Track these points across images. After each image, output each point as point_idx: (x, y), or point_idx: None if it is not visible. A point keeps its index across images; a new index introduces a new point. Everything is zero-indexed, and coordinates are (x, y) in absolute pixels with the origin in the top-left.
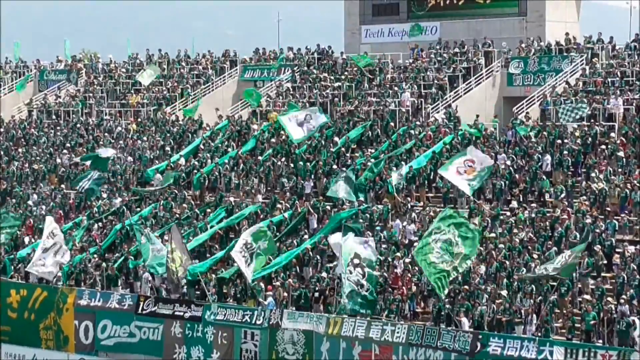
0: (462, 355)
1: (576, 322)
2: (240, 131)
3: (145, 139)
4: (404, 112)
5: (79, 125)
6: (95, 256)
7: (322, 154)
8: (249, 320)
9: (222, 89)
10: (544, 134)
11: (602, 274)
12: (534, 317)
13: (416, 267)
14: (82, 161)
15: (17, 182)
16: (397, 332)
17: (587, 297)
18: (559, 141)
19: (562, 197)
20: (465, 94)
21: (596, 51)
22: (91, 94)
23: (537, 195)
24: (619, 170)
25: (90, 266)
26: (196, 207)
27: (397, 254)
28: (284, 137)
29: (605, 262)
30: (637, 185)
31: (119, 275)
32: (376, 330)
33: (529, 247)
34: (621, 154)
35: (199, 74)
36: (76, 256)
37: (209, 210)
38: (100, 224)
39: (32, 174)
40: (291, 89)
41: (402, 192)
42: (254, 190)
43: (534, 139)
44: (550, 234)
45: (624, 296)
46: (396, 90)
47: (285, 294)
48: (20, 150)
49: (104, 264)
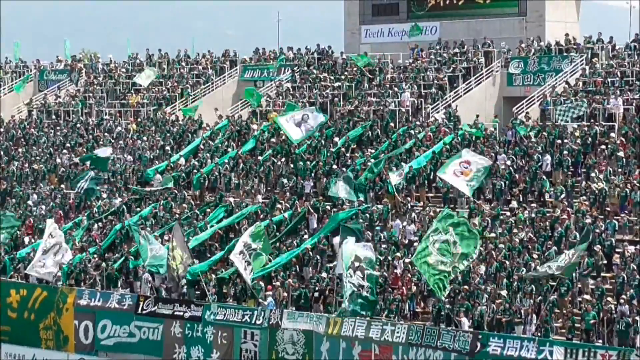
0: (462, 355)
1: (576, 322)
2: (240, 131)
3: (145, 139)
4: (403, 112)
5: (79, 125)
6: (95, 256)
7: (322, 154)
8: (248, 320)
9: (222, 89)
10: (544, 134)
11: (602, 274)
12: (534, 317)
13: (416, 267)
14: (82, 162)
15: (17, 182)
16: (397, 332)
17: (587, 297)
18: (559, 141)
19: (562, 197)
20: (465, 94)
21: (596, 51)
22: (91, 94)
23: (537, 195)
24: (619, 170)
25: (90, 266)
26: (196, 207)
27: (397, 254)
28: (283, 137)
29: (605, 262)
30: (637, 185)
31: (119, 275)
32: (376, 330)
33: (529, 247)
34: (621, 154)
35: (199, 74)
36: (76, 256)
37: (208, 210)
38: (100, 224)
39: (32, 174)
40: (291, 89)
41: (402, 192)
42: (254, 190)
43: (533, 139)
44: (550, 234)
45: (623, 296)
46: (396, 90)
47: (285, 294)
48: (20, 150)
49: (103, 264)
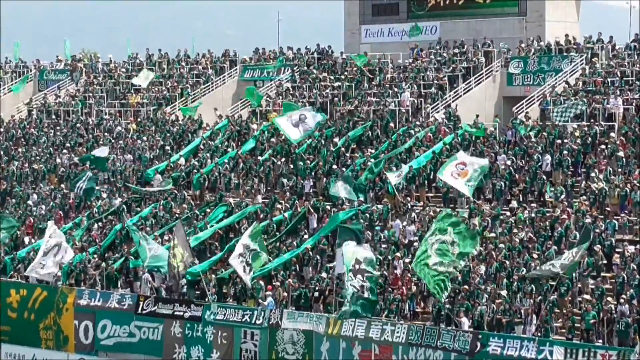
0: (462, 355)
1: (576, 322)
2: (240, 131)
3: (145, 139)
4: (403, 112)
5: (78, 125)
6: (95, 256)
7: (322, 154)
8: (248, 320)
9: (222, 89)
10: (544, 134)
11: (602, 274)
12: (534, 317)
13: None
14: (81, 162)
15: (17, 182)
16: (397, 332)
17: (587, 297)
18: (559, 141)
19: (562, 197)
20: (465, 93)
21: (596, 51)
22: (91, 94)
23: (537, 195)
24: (619, 170)
25: (90, 266)
26: (196, 207)
27: (397, 254)
28: (283, 137)
29: (605, 262)
30: (637, 185)
31: (119, 275)
32: (376, 330)
33: (529, 247)
34: (621, 153)
35: (199, 73)
36: (76, 256)
37: (208, 210)
38: (100, 223)
39: (32, 174)
40: (291, 89)
41: (402, 192)
42: (254, 190)
43: (533, 139)
44: (550, 234)
45: (623, 296)
46: (396, 90)
47: (285, 294)
48: (20, 150)
49: (103, 264)
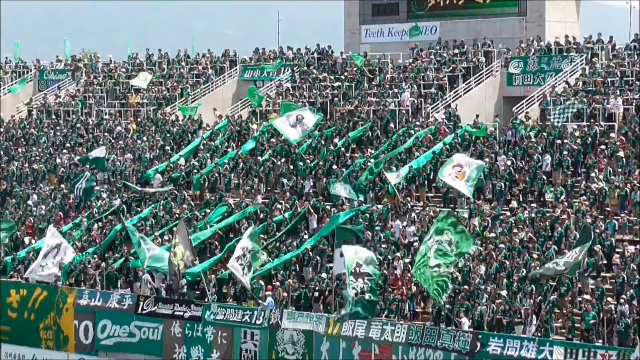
0: (462, 355)
1: (576, 322)
2: (240, 131)
3: (145, 139)
4: (403, 113)
5: (78, 125)
6: (95, 256)
7: (322, 154)
8: (248, 320)
9: (222, 89)
10: (544, 134)
11: (602, 274)
12: (534, 317)
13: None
14: (81, 163)
15: (17, 182)
16: (397, 332)
17: (587, 297)
18: (559, 141)
19: (562, 197)
20: (465, 93)
21: (596, 51)
22: (91, 94)
23: (537, 195)
24: (619, 170)
25: (90, 266)
26: (196, 207)
27: (397, 254)
28: (283, 137)
29: (605, 262)
30: (637, 185)
31: (119, 275)
32: (376, 330)
33: (529, 247)
34: (621, 154)
35: (199, 73)
36: (76, 256)
37: (208, 210)
38: (100, 224)
39: (32, 174)
40: (291, 89)
41: (402, 192)
42: (254, 190)
43: (533, 139)
44: (550, 234)
45: (623, 296)
46: (396, 90)
47: (285, 294)
48: (20, 150)
49: (103, 264)
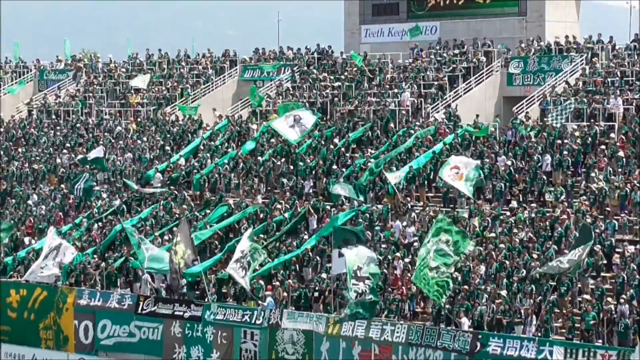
0: (461, 355)
1: (576, 322)
2: (240, 131)
3: (145, 139)
4: (404, 113)
5: (79, 125)
6: (95, 256)
7: (322, 154)
8: (248, 320)
9: (222, 89)
10: (544, 134)
11: (602, 274)
12: (534, 317)
13: (416, 267)
14: (81, 164)
15: (17, 182)
16: (397, 332)
17: (587, 297)
18: (559, 141)
19: (562, 197)
20: (465, 93)
21: (596, 51)
22: (91, 94)
23: (537, 195)
24: (619, 170)
25: (90, 266)
26: (196, 207)
27: (397, 254)
28: (283, 137)
29: (605, 262)
30: (637, 185)
31: (119, 275)
32: (376, 330)
33: (529, 247)
34: (621, 154)
35: (199, 73)
36: (76, 256)
37: (208, 210)
38: (100, 224)
39: (32, 174)
40: (291, 89)
41: (402, 192)
42: (254, 190)
43: (534, 139)
44: (550, 234)
45: (623, 296)
46: (396, 90)
47: (285, 294)
48: (20, 150)
49: (103, 264)
